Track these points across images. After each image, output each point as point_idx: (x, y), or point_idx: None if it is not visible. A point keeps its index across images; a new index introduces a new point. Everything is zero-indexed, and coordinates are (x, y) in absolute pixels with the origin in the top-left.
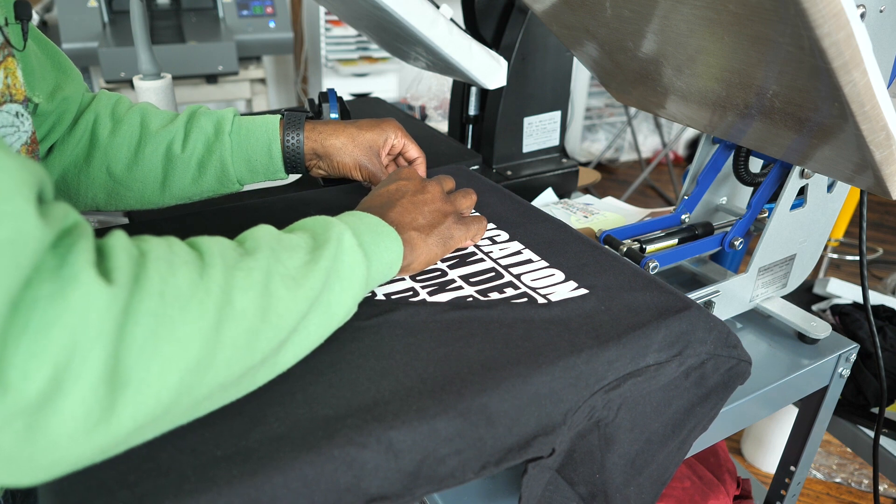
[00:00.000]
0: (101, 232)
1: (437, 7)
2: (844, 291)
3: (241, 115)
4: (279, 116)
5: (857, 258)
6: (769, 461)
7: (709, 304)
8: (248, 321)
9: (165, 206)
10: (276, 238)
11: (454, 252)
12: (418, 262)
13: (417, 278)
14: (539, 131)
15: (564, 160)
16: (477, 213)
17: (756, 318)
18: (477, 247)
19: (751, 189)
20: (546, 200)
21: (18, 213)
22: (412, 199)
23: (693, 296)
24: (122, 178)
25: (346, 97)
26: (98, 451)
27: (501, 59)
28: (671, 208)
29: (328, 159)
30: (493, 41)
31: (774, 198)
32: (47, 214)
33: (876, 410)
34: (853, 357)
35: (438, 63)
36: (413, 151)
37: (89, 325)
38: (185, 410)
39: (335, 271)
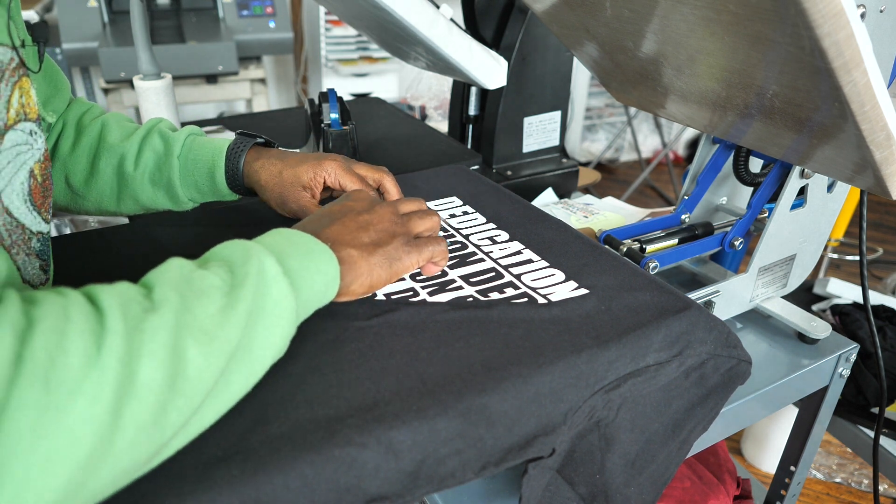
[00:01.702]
0: (100, 232)
1: (437, 7)
2: (844, 291)
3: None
4: (228, 142)
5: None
6: (769, 461)
7: (709, 304)
8: (155, 395)
9: (125, 214)
10: (187, 280)
11: (453, 252)
12: (358, 282)
13: (417, 278)
14: (539, 131)
15: (564, 160)
16: (440, 236)
17: (756, 318)
18: (477, 247)
19: (751, 189)
20: (546, 200)
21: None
22: (356, 217)
23: (693, 296)
24: (80, 189)
25: (347, 97)
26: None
27: (501, 59)
28: (671, 208)
29: (259, 194)
30: (493, 41)
31: (774, 198)
32: None
33: (876, 410)
34: (853, 357)
35: (438, 63)
36: (352, 187)
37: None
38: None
39: (257, 311)
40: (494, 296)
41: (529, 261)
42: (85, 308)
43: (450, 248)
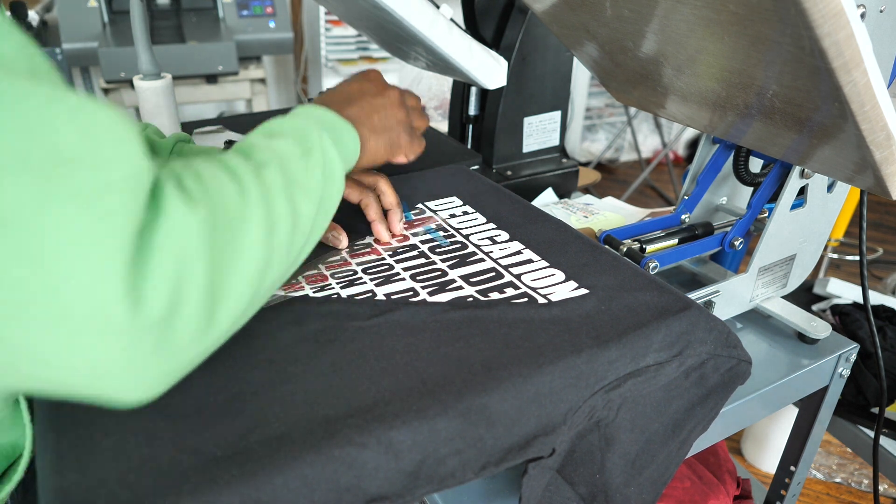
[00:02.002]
0: None
1: (437, 7)
2: (844, 291)
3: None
4: (217, 151)
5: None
6: (769, 461)
7: (709, 304)
8: (286, 227)
9: None
10: (273, 150)
11: (453, 252)
12: (364, 158)
13: (417, 278)
14: (539, 131)
15: (564, 160)
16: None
17: (756, 318)
18: (477, 247)
19: (751, 189)
20: (546, 200)
21: (137, 153)
22: (371, 101)
23: (693, 296)
24: None
25: None
26: (202, 356)
27: (501, 59)
28: (671, 208)
29: None
30: (493, 41)
31: (774, 198)
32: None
33: (876, 410)
34: (853, 357)
35: (438, 63)
36: (353, 195)
37: (190, 247)
38: (250, 310)
39: (328, 172)
40: (494, 296)
41: (529, 261)
42: (214, 163)
43: (450, 247)
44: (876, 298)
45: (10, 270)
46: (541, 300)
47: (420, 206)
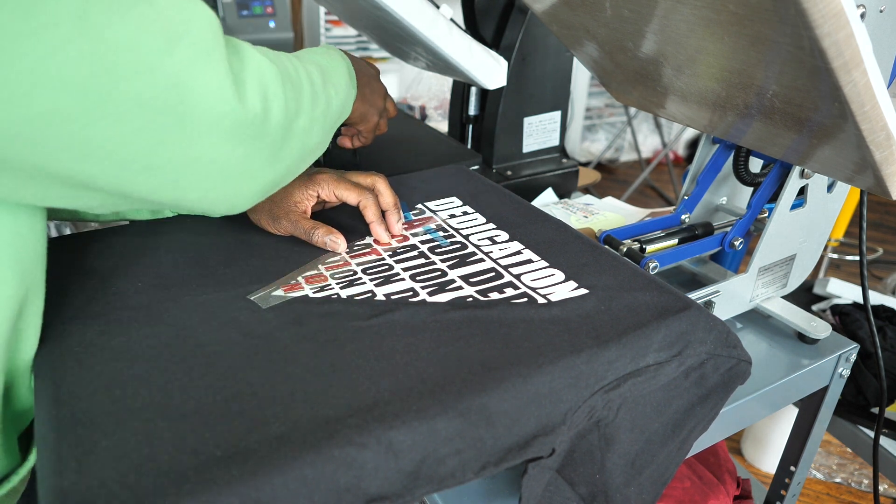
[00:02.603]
0: (101, 232)
1: (437, 7)
2: (844, 291)
3: None
4: None
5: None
6: (769, 461)
7: (709, 304)
8: (322, 105)
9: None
10: (312, 60)
11: (452, 252)
12: (357, 106)
13: (417, 278)
14: (539, 131)
15: (564, 160)
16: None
17: (756, 318)
18: (477, 247)
19: (751, 189)
20: (546, 200)
21: (210, 14)
22: (369, 78)
23: (693, 296)
24: None
25: None
26: (281, 172)
27: (501, 59)
28: (671, 208)
29: (248, 213)
30: (493, 41)
31: (774, 198)
32: None
33: (876, 410)
34: (853, 357)
35: (438, 63)
36: (351, 198)
37: (271, 82)
38: (303, 159)
39: (351, 81)
40: (494, 296)
41: (529, 261)
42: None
43: (449, 247)
44: (876, 298)
45: (157, 101)
46: (540, 300)
47: (420, 206)
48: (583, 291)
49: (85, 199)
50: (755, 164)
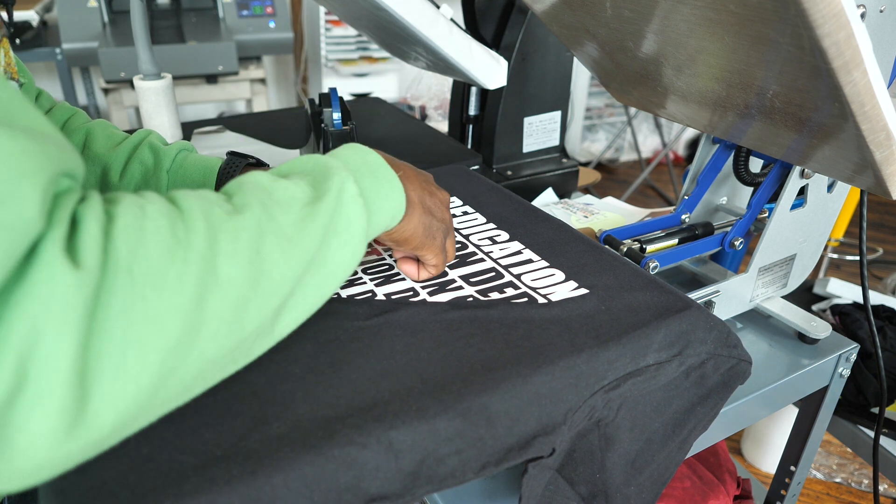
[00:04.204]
0: None
1: (437, 7)
2: (844, 291)
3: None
4: (220, 162)
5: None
6: (769, 461)
7: (709, 304)
8: (236, 291)
9: None
10: (268, 191)
11: (457, 254)
12: (407, 226)
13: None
14: (539, 131)
15: (564, 160)
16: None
17: (756, 318)
18: (477, 247)
19: (751, 189)
20: (546, 200)
21: (29, 198)
22: (424, 182)
23: (693, 296)
24: None
25: (346, 97)
26: (84, 449)
27: (501, 59)
28: (671, 208)
29: None
30: (493, 41)
31: (774, 198)
32: (57, 203)
33: (876, 410)
34: (853, 357)
35: (438, 63)
36: None
37: (52, 312)
38: (175, 393)
39: (333, 226)
40: (494, 296)
41: (529, 261)
42: (164, 207)
43: None
44: (876, 298)
45: None
46: (541, 300)
47: None
48: (583, 291)
49: None
50: (755, 164)
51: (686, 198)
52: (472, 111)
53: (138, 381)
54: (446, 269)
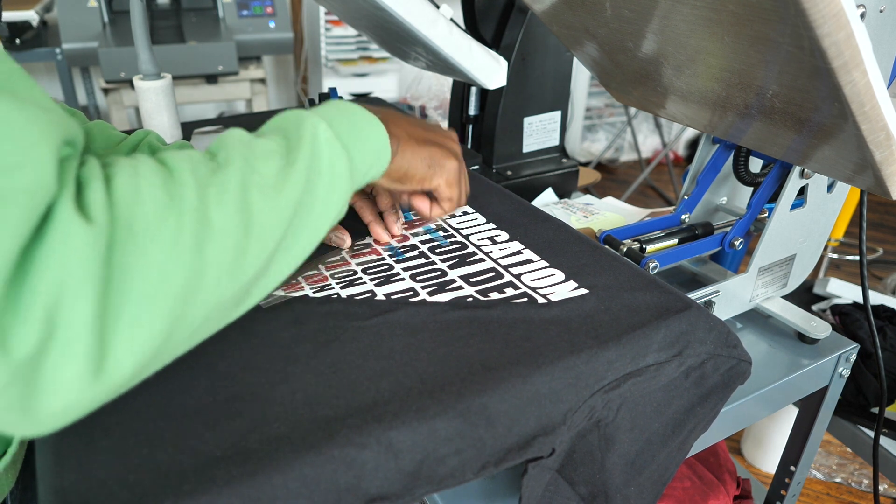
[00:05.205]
0: None
1: (437, 7)
2: (844, 291)
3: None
4: None
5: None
6: (769, 461)
7: (709, 304)
8: (230, 239)
9: None
10: (248, 145)
11: (452, 252)
12: (396, 163)
13: (417, 278)
14: (539, 131)
15: (564, 160)
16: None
17: (756, 318)
18: (477, 247)
19: (751, 189)
20: (546, 200)
21: (43, 162)
22: (424, 129)
23: (693, 296)
24: None
25: (347, 97)
26: (107, 391)
27: (501, 59)
28: (671, 208)
29: None
30: (493, 41)
31: (774, 198)
32: (63, 167)
33: (876, 410)
34: (853, 357)
35: (438, 63)
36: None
37: (73, 266)
38: (186, 336)
39: (314, 170)
40: (494, 296)
41: (529, 261)
42: (155, 167)
43: (449, 247)
44: (876, 298)
45: None
46: (540, 300)
47: None
48: (583, 291)
49: None
50: (755, 164)
51: (686, 198)
52: (471, 111)
53: (151, 328)
54: (446, 269)
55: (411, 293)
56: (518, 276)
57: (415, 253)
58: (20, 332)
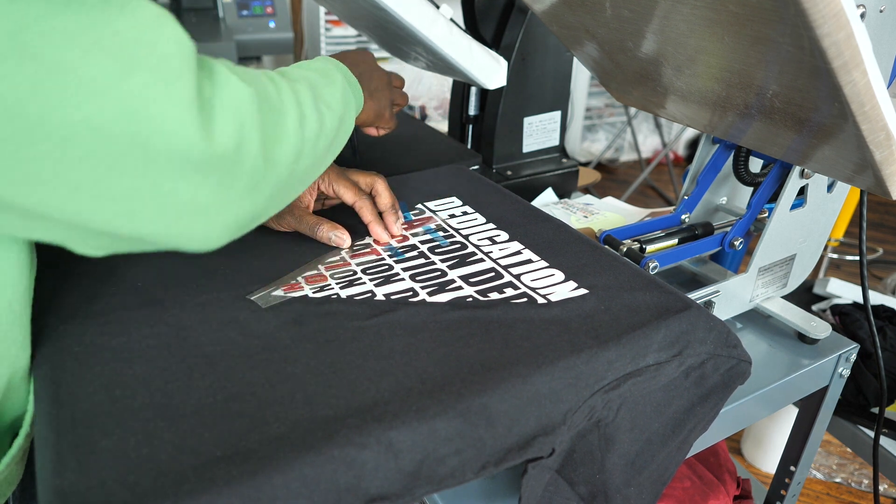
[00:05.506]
0: None
1: (437, 7)
2: (844, 291)
3: None
4: None
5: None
6: (769, 461)
7: (709, 304)
8: (314, 127)
9: None
10: (302, 74)
11: (452, 252)
12: (358, 117)
13: (417, 278)
14: (539, 131)
15: (564, 160)
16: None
17: (756, 318)
18: (476, 247)
19: (751, 189)
20: (546, 200)
21: (180, 32)
22: (370, 71)
23: (693, 296)
24: None
25: None
26: (256, 213)
27: (501, 59)
28: (671, 208)
29: None
30: (493, 41)
31: (774, 198)
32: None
33: (876, 410)
34: (853, 357)
35: (438, 63)
36: (348, 197)
37: (247, 109)
38: (297, 181)
39: (344, 99)
40: (494, 296)
41: (529, 261)
42: (266, 75)
43: (449, 247)
44: (876, 298)
45: (107, 128)
46: (540, 300)
47: (420, 206)
48: (583, 291)
49: (43, 231)
50: (755, 164)
51: (686, 198)
52: (471, 111)
53: (281, 168)
54: (446, 269)
55: (411, 293)
56: (518, 277)
57: (414, 253)
58: (222, 131)
